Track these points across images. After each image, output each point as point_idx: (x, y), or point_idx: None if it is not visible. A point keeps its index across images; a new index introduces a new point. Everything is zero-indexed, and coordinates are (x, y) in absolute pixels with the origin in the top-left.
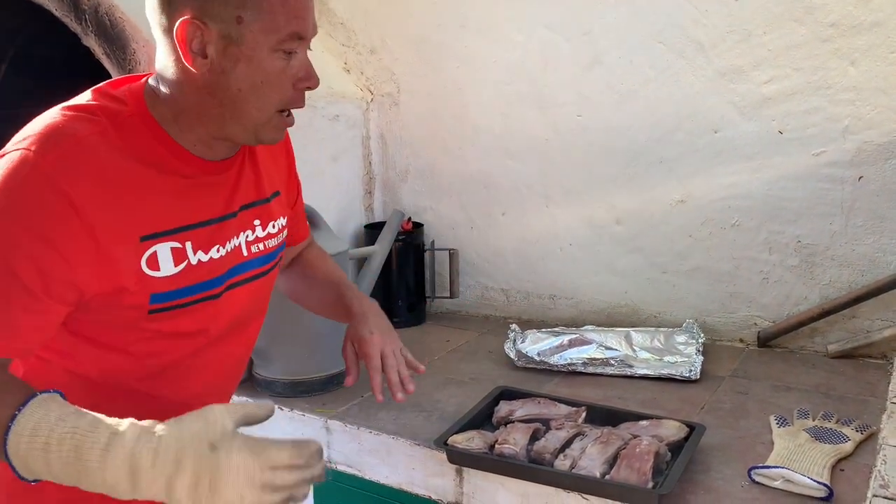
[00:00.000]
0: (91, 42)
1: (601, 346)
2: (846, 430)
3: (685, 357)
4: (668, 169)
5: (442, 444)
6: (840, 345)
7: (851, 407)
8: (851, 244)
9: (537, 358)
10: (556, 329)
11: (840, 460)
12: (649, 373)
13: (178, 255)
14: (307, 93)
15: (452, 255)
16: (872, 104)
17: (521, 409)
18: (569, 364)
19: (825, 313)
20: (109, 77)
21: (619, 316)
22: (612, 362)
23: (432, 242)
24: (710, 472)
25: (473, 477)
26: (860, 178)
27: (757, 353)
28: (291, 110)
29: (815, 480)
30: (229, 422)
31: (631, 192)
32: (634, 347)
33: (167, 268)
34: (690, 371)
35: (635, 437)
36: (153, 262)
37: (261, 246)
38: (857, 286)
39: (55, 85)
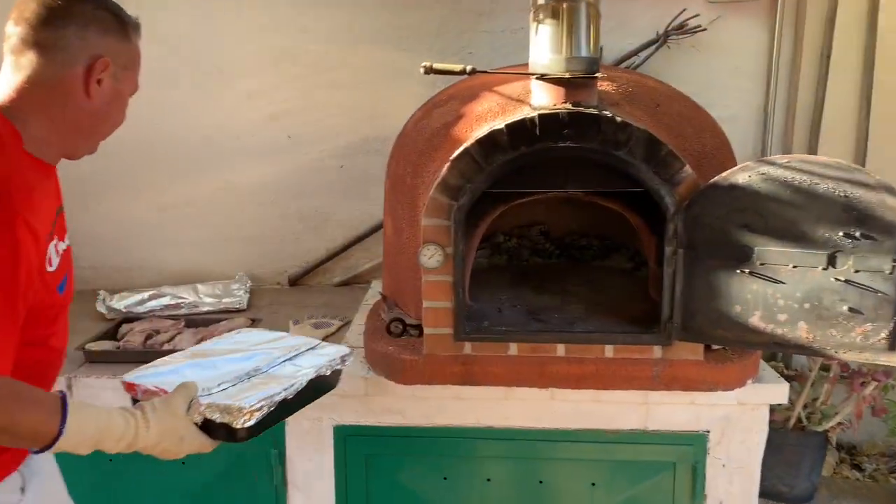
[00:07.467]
0: None
1: (174, 296)
2: (333, 321)
3: (236, 297)
4: (211, 165)
5: None
6: (340, 277)
7: (344, 311)
8: (346, 211)
9: (124, 310)
10: (138, 290)
11: (330, 335)
12: (212, 309)
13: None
14: None
15: None
16: (345, 118)
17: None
18: (150, 311)
19: (330, 257)
20: None
21: (191, 276)
22: (183, 306)
23: None
24: None
25: None
26: (342, 166)
27: (288, 289)
28: None
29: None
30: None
31: (190, 183)
32: (200, 295)
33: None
34: (239, 304)
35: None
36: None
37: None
38: (350, 238)
39: None
